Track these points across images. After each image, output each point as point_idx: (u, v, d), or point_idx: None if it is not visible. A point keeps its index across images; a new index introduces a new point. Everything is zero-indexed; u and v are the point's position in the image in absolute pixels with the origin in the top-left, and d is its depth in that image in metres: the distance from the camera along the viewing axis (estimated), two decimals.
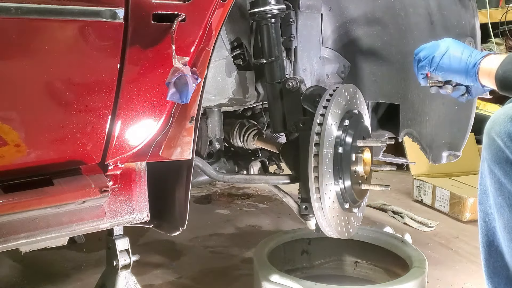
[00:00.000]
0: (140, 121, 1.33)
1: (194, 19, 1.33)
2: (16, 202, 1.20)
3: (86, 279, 2.31)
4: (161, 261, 2.52)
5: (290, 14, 1.86)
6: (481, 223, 1.17)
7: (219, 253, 2.66)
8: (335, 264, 2.27)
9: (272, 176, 1.79)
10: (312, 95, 1.63)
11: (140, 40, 1.26)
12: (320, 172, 1.51)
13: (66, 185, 1.27)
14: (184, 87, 1.24)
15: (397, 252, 2.08)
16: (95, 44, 1.21)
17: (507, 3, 4.46)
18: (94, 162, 1.33)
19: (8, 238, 1.24)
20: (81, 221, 1.35)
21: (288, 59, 1.92)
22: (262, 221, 3.16)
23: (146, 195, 1.48)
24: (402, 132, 2.14)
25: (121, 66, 1.25)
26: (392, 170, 1.67)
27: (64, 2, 1.14)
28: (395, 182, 3.91)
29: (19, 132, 1.18)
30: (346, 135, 1.57)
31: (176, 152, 1.38)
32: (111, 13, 1.20)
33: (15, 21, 1.10)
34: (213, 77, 1.72)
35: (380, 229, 2.25)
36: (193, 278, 2.33)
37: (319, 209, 1.56)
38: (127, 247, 1.74)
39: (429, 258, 1.89)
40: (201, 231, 2.93)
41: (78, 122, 1.25)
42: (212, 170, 1.70)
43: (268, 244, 2.09)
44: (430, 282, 2.09)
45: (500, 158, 1.05)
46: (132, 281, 1.75)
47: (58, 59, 1.18)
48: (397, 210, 3.23)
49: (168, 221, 1.56)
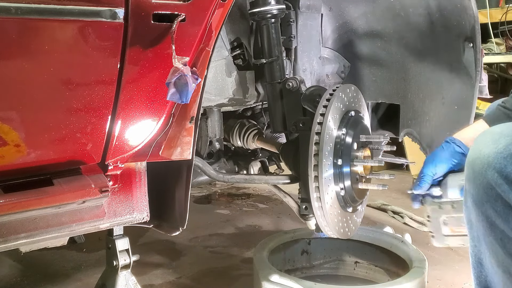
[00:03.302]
0: (140, 121, 1.33)
1: (194, 19, 1.33)
2: (16, 202, 1.20)
3: (86, 279, 2.31)
4: (161, 261, 2.52)
5: (290, 14, 1.86)
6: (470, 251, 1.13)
7: (219, 253, 2.66)
8: (335, 264, 2.27)
9: (272, 176, 1.79)
10: (312, 95, 1.63)
11: (140, 40, 1.26)
12: (320, 171, 1.51)
13: (66, 185, 1.27)
14: (184, 87, 1.24)
15: (397, 252, 2.07)
16: (95, 44, 1.21)
17: (507, 3, 4.47)
18: (94, 162, 1.33)
19: (8, 238, 1.24)
20: (81, 221, 1.35)
21: (288, 59, 1.92)
22: (262, 221, 3.16)
23: (146, 195, 1.48)
24: (402, 132, 2.14)
25: (121, 66, 1.25)
26: (391, 179, 1.67)
27: (64, 2, 1.14)
28: (395, 182, 3.88)
29: (19, 132, 1.18)
30: (346, 134, 1.57)
31: (176, 152, 1.38)
32: (111, 13, 1.20)
33: (15, 21, 1.10)
34: (213, 77, 1.72)
35: (380, 229, 2.25)
36: (193, 278, 2.33)
37: (318, 209, 1.56)
38: (127, 247, 1.73)
39: (429, 258, 1.89)
40: (201, 231, 2.93)
41: (78, 122, 1.25)
42: (212, 170, 1.70)
43: (268, 244, 2.09)
44: (430, 282, 2.09)
45: (488, 196, 0.98)
46: (132, 281, 1.75)
47: (58, 59, 1.18)
48: (397, 210, 3.23)
49: (168, 221, 1.56)
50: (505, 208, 0.96)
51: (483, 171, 0.98)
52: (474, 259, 1.12)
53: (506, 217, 0.96)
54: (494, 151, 0.97)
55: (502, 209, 0.96)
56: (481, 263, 1.09)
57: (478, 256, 1.10)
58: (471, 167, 1.03)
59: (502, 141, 0.97)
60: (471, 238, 1.11)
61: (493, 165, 0.96)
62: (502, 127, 1.03)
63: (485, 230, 1.02)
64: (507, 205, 0.95)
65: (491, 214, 0.99)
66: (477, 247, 1.09)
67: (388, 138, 1.71)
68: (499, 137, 0.98)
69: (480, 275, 1.11)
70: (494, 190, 0.96)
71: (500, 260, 1.02)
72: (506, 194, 0.94)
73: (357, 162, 1.61)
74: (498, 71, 4.75)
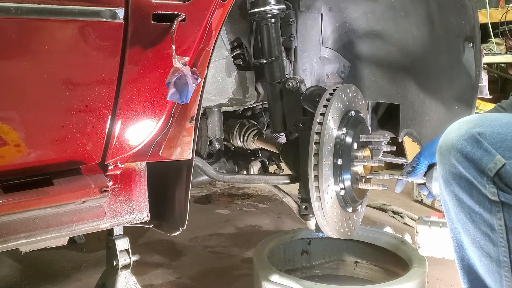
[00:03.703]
0: (140, 121, 1.33)
1: (194, 19, 1.33)
2: (16, 202, 1.20)
3: (86, 279, 2.31)
4: (161, 261, 2.52)
5: (290, 14, 1.87)
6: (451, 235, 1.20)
7: (219, 253, 2.66)
8: (335, 264, 2.27)
9: (272, 176, 1.79)
10: (312, 95, 1.63)
11: (140, 40, 1.26)
12: (320, 170, 1.51)
13: (66, 185, 1.27)
14: (184, 87, 1.24)
15: (397, 252, 2.07)
16: (95, 44, 1.21)
17: (507, 3, 4.47)
18: (94, 162, 1.33)
19: (8, 238, 1.24)
20: (81, 221, 1.35)
21: (288, 59, 1.92)
22: (262, 221, 3.16)
23: (146, 195, 1.48)
24: (402, 132, 2.14)
25: (121, 66, 1.25)
26: (391, 178, 1.68)
27: (64, 2, 1.14)
28: (395, 182, 3.90)
29: (19, 132, 1.18)
30: (346, 134, 1.57)
31: (176, 152, 1.38)
32: (111, 13, 1.20)
33: (15, 21, 1.10)
34: (213, 77, 1.72)
35: (380, 229, 2.25)
36: (193, 278, 2.33)
37: (318, 209, 1.56)
38: (127, 247, 1.74)
39: (429, 258, 1.89)
40: (201, 231, 2.93)
41: (78, 122, 1.25)
42: (212, 170, 1.70)
43: (268, 244, 2.09)
44: (430, 282, 2.09)
45: (453, 174, 1.07)
46: (132, 281, 1.75)
47: (58, 59, 1.18)
48: (397, 210, 3.23)
49: (168, 221, 1.56)
50: (467, 184, 1.05)
51: (447, 152, 1.08)
52: (455, 243, 1.18)
53: (470, 192, 1.05)
54: (457, 135, 1.07)
55: (466, 185, 1.06)
56: (461, 245, 1.16)
57: (459, 238, 1.16)
58: (439, 151, 1.12)
59: (464, 127, 1.07)
60: (450, 221, 1.17)
61: (456, 146, 1.06)
62: (469, 117, 1.14)
63: (456, 208, 1.11)
64: (469, 181, 1.05)
65: (458, 191, 1.08)
66: (456, 228, 1.15)
67: (388, 138, 1.71)
68: (463, 124, 1.09)
69: (463, 258, 1.17)
70: (457, 168, 1.06)
71: (472, 236, 1.09)
72: (467, 170, 1.04)
73: (357, 162, 1.61)
74: (498, 71, 4.75)
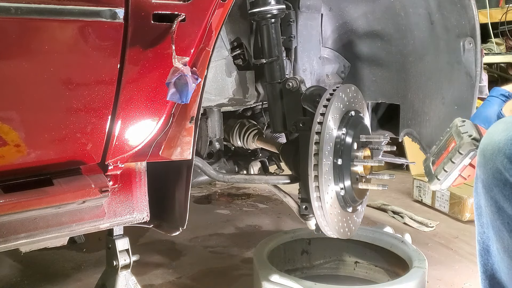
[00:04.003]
0: (140, 121, 1.33)
1: (194, 19, 1.33)
2: (16, 202, 1.20)
3: (86, 279, 2.31)
4: (161, 261, 2.52)
5: (290, 14, 1.87)
6: (478, 238, 1.14)
7: (219, 253, 2.66)
8: (335, 264, 2.27)
9: (272, 176, 1.79)
10: (312, 95, 1.63)
11: (140, 40, 1.26)
12: (320, 170, 1.51)
13: (66, 185, 1.27)
14: (184, 87, 1.24)
15: (397, 252, 2.08)
16: (95, 44, 1.21)
17: (507, 3, 4.47)
18: (94, 162, 1.33)
19: (8, 238, 1.24)
20: (81, 221, 1.35)
21: (288, 59, 1.92)
22: (262, 221, 3.16)
23: (146, 195, 1.48)
24: (402, 132, 2.14)
25: (121, 66, 1.25)
26: (391, 178, 1.67)
27: (64, 2, 1.14)
28: (395, 182, 3.90)
29: (19, 132, 1.18)
30: (346, 134, 1.57)
31: (176, 152, 1.38)
32: (111, 13, 1.20)
33: (15, 21, 1.10)
34: (213, 77, 1.72)
35: (380, 229, 2.25)
36: (193, 278, 2.33)
37: (318, 209, 1.56)
38: (127, 247, 1.73)
39: (429, 258, 1.89)
40: (201, 231, 2.93)
41: (78, 122, 1.25)
42: (212, 170, 1.70)
43: (268, 244, 2.09)
44: (430, 282, 2.09)
45: (498, 180, 1.00)
46: (132, 281, 1.75)
47: (58, 59, 1.18)
48: (397, 210, 3.23)
49: (168, 221, 1.56)
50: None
51: (493, 156, 1.01)
52: (481, 246, 1.13)
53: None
54: (504, 138, 0.99)
55: (510, 194, 0.99)
56: (488, 250, 1.11)
57: (486, 243, 1.11)
58: (482, 153, 1.05)
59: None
60: (480, 225, 1.12)
61: (503, 150, 0.98)
62: None
63: (493, 215, 1.04)
64: None
65: (500, 199, 1.01)
66: (486, 233, 1.10)
67: (388, 138, 1.71)
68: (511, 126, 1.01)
69: (487, 262, 1.12)
70: (503, 174, 0.99)
71: (506, 245, 1.04)
72: None
73: (357, 162, 1.61)
74: (498, 71, 4.75)
